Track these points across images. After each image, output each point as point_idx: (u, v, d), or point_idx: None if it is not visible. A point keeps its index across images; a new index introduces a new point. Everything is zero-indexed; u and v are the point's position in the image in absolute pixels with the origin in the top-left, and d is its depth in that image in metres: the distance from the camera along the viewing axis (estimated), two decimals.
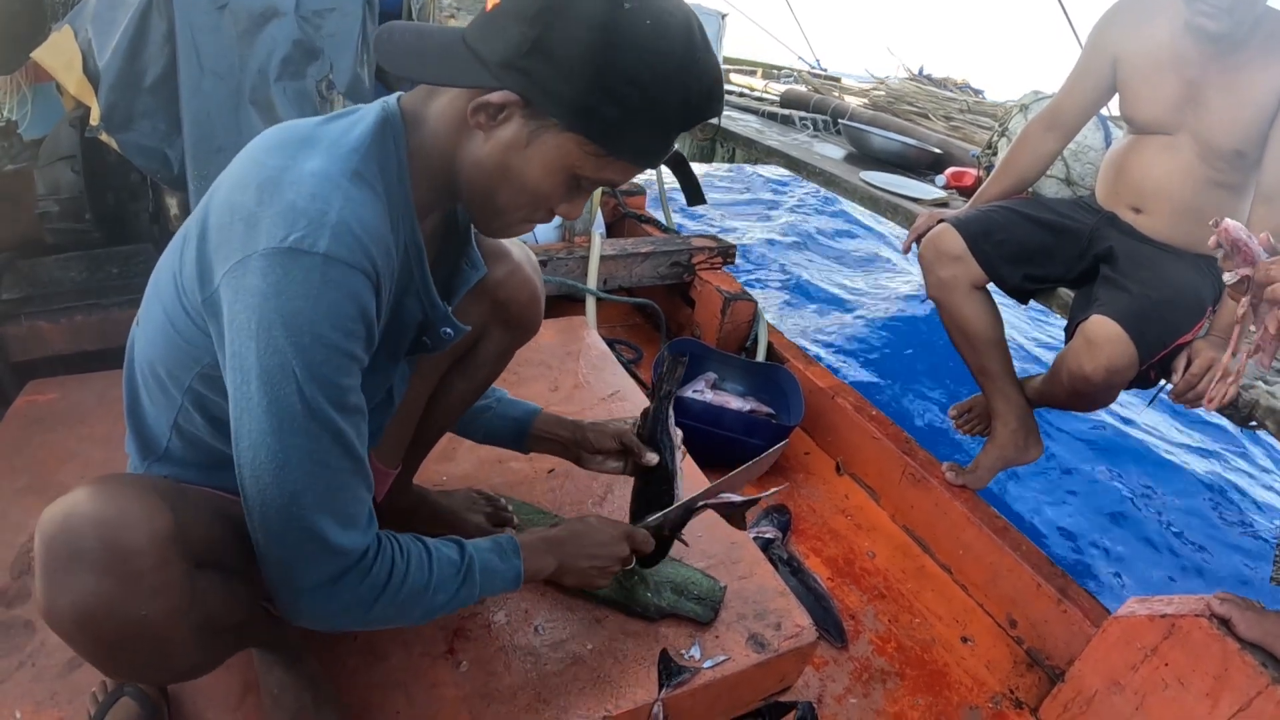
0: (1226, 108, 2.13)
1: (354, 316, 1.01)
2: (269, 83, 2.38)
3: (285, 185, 0.99)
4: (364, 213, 1.02)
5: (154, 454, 1.27)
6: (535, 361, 2.69)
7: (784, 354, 3.33)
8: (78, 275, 2.61)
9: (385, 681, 1.55)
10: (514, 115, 1.05)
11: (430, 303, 1.27)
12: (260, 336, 0.97)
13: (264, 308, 0.96)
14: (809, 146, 4.40)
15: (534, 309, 1.66)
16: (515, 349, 1.73)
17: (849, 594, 2.39)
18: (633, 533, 1.56)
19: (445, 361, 1.63)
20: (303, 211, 0.97)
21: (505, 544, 1.36)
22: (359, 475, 1.09)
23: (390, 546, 1.15)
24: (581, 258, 3.40)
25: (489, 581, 1.30)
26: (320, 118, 1.13)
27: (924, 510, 2.62)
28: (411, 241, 1.19)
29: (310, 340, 0.97)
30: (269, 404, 0.99)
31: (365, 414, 1.10)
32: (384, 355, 1.28)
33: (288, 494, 1.02)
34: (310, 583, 1.07)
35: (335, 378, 1.01)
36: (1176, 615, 1.76)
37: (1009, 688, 2.15)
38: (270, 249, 0.96)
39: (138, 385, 1.28)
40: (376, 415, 1.42)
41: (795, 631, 1.75)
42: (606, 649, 1.67)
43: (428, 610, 1.22)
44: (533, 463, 2.06)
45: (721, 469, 2.66)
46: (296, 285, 0.96)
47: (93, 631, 0.93)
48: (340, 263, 0.98)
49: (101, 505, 0.94)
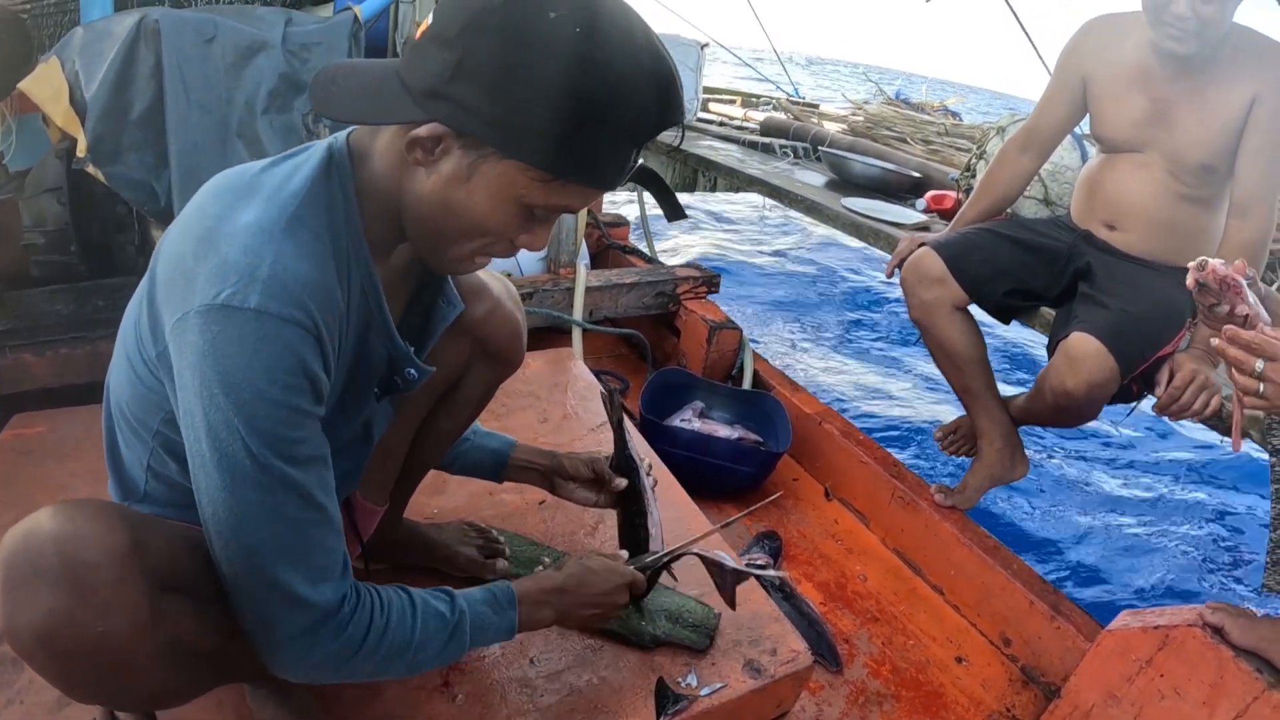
0: (1194, 124, 2.16)
1: (292, 369, 0.99)
2: (255, 115, 2.39)
3: (220, 239, 0.98)
4: (299, 264, 1.00)
5: (134, 496, 1.27)
6: (523, 393, 2.69)
7: (770, 381, 3.34)
8: (64, 308, 2.59)
9: (381, 715, 1.53)
10: (451, 148, 1.01)
11: (392, 344, 1.25)
12: (203, 394, 0.96)
13: (203, 365, 0.95)
14: (790, 174, 4.42)
15: (516, 344, 1.65)
16: (499, 384, 1.72)
17: (842, 618, 2.39)
18: (635, 581, 1.54)
19: (429, 399, 1.62)
20: (233, 266, 0.95)
21: (501, 595, 1.34)
22: (323, 525, 1.07)
23: (370, 600, 1.14)
24: (567, 289, 3.39)
25: (480, 635, 1.29)
26: (267, 160, 1.11)
27: (914, 532, 2.63)
28: (368, 283, 1.16)
29: (250, 396, 0.96)
30: (219, 460, 0.98)
31: (326, 461, 1.09)
32: (352, 396, 1.26)
33: (247, 549, 1.01)
34: (282, 636, 1.06)
35: (280, 431, 0.99)
36: (1170, 626, 1.76)
37: (1005, 706, 2.15)
38: (204, 306, 0.95)
39: (114, 427, 1.28)
40: (355, 453, 1.41)
41: (791, 656, 1.76)
42: (603, 679, 1.67)
43: (413, 665, 1.21)
44: (524, 494, 2.06)
45: (711, 497, 2.71)
46: (230, 343, 0.95)
47: (51, 649, 0.92)
48: (273, 317, 0.96)
49: (61, 524, 0.93)
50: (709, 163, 4.68)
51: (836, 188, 4.15)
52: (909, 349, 6.04)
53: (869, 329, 6.55)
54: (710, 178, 4.89)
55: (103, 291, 2.70)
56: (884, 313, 7.02)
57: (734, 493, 2.86)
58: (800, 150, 5.15)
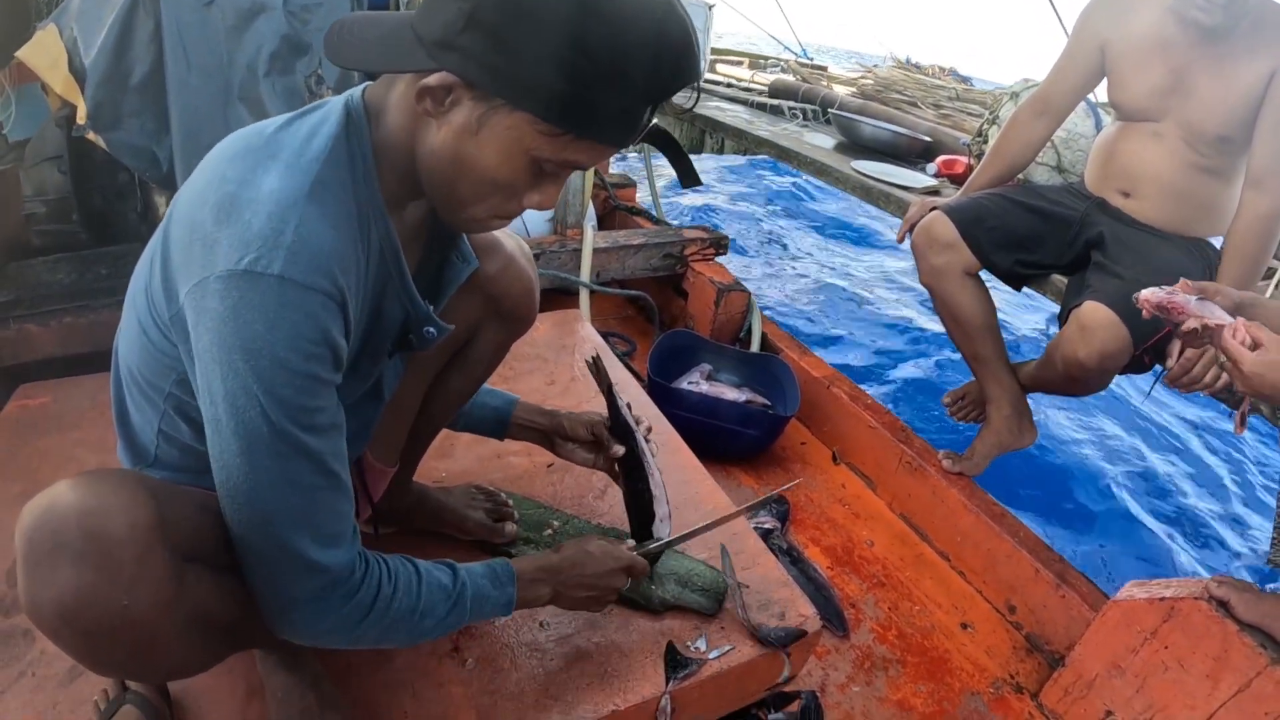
0: (1212, 95, 2.15)
1: (314, 339, 0.98)
2: (257, 79, 2.36)
3: (242, 204, 0.96)
4: (324, 230, 0.99)
5: (144, 461, 1.26)
6: (530, 355, 2.68)
7: (778, 344, 3.32)
8: (66, 277, 2.57)
9: (391, 681, 1.54)
10: (462, 99, 0.99)
11: (411, 303, 1.24)
12: (221, 361, 0.95)
13: (222, 331, 0.95)
14: (799, 136, 4.39)
15: (529, 302, 1.63)
16: (511, 342, 1.70)
17: (849, 583, 2.39)
18: (633, 564, 1.55)
19: (440, 358, 1.61)
20: (258, 233, 0.94)
21: (500, 571, 1.35)
22: (336, 491, 1.07)
23: (379, 569, 1.15)
24: (574, 250, 3.38)
25: (480, 608, 1.30)
26: (281, 119, 1.09)
27: (921, 498, 2.63)
28: (387, 243, 1.15)
29: (269, 364, 0.95)
30: (235, 427, 0.97)
31: (341, 429, 1.08)
32: (366, 357, 1.26)
33: (262, 515, 1.01)
34: (293, 599, 1.06)
35: (300, 400, 0.99)
36: (1175, 598, 1.76)
37: (1009, 673, 2.15)
38: (227, 272, 0.93)
39: (124, 392, 1.27)
40: (365, 411, 1.41)
41: (799, 621, 1.76)
42: (612, 643, 1.67)
43: (415, 633, 1.22)
44: (532, 457, 2.06)
45: (718, 460, 2.70)
46: (253, 309, 0.94)
47: (75, 624, 0.92)
48: (297, 285, 0.95)
49: (83, 496, 0.93)
50: (717, 124, 4.64)
51: (846, 150, 4.13)
52: (919, 313, 6.01)
53: (879, 293, 6.51)
54: (718, 139, 4.86)
55: (105, 259, 2.68)
56: (894, 277, 6.98)
57: (742, 456, 2.86)
58: (809, 113, 5.11)
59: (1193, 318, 1.53)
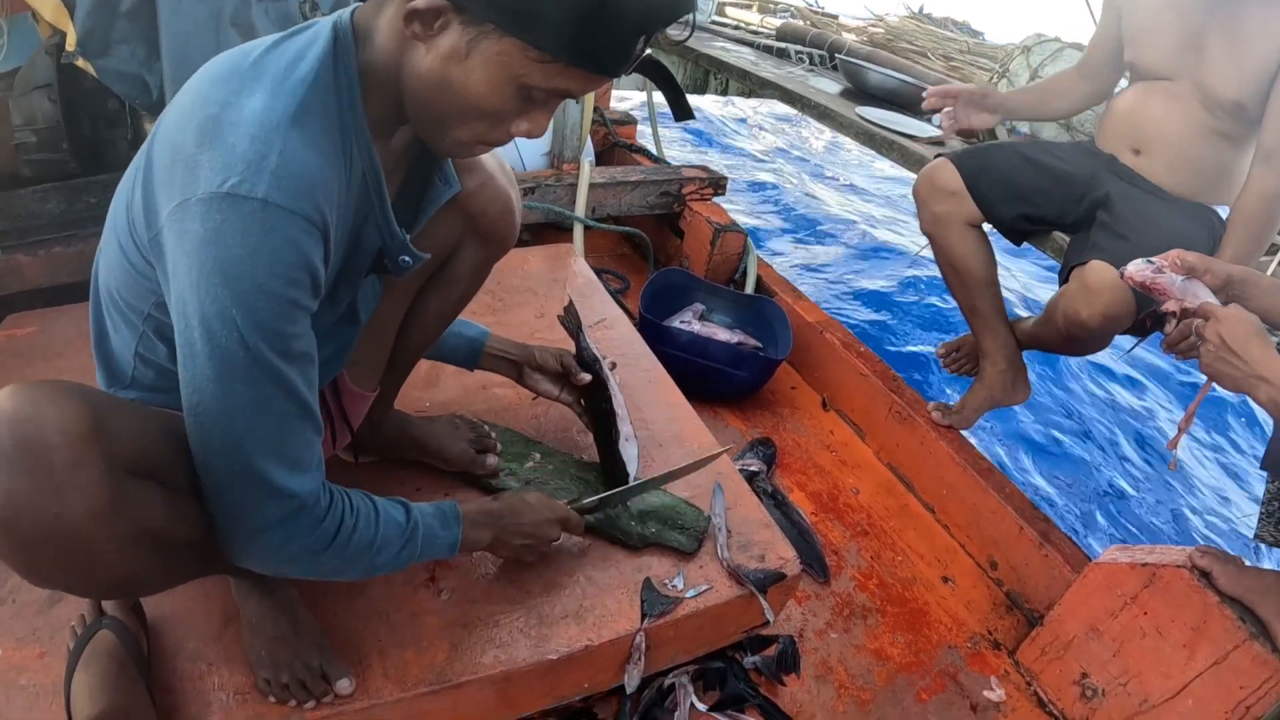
0: (1227, 56, 2.09)
1: (295, 264, 0.98)
2: (250, 3, 2.29)
3: (225, 127, 0.95)
4: (308, 154, 0.98)
5: (120, 382, 1.26)
6: (521, 289, 2.65)
7: (773, 287, 3.29)
8: (55, 207, 2.54)
9: (367, 610, 1.54)
10: (451, 23, 0.98)
11: (389, 232, 1.22)
12: (200, 284, 0.94)
13: (202, 254, 0.93)
14: (804, 80, 4.32)
15: (508, 221, 1.59)
16: (491, 264, 1.67)
17: (832, 529, 2.38)
18: (568, 517, 1.59)
19: (418, 280, 1.58)
20: (242, 155, 0.93)
21: (449, 512, 1.38)
22: (306, 419, 1.08)
23: (342, 500, 1.16)
24: (570, 185, 3.33)
25: (429, 546, 1.32)
26: (268, 41, 1.07)
27: (909, 449, 2.61)
28: (369, 169, 1.13)
29: (249, 288, 0.94)
30: (211, 351, 0.97)
31: (314, 358, 1.08)
32: (343, 283, 1.26)
33: (232, 440, 1.01)
34: (259, 525, 1.06)
35: (277, 325, 0.98)
36: (1158, 565, 1.75)
37: (988, 629, 2.15)
38: (209, 194, 0.92)
39: (103, 313, 1.26)
40: (341, 335, 1.40)
41: (779, 563, 1.74)
42: (589, 578, 1.67)
43: (370, 567, 1.24)
44: (518, 390, 2.03)
45: (707, 400, 2.68)
46: (235, 232, 0.93)
47: (10, 533, 0.91)
48: (279, 208, 0.94)
49: (18, 404, 0.91)
50: (721, 64, 4.57)
51: (851, 97, 4.06)
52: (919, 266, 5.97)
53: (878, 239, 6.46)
54: (722, 80, 4.78)
55: (95, 188, 2.64)
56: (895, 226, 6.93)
57: (731, 398, 2.84)
58: (816, 58, 5.03)
59: (1173, 300, 1.52)
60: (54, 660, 1.36)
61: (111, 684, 1.28)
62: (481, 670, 1.46)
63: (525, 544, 1.52)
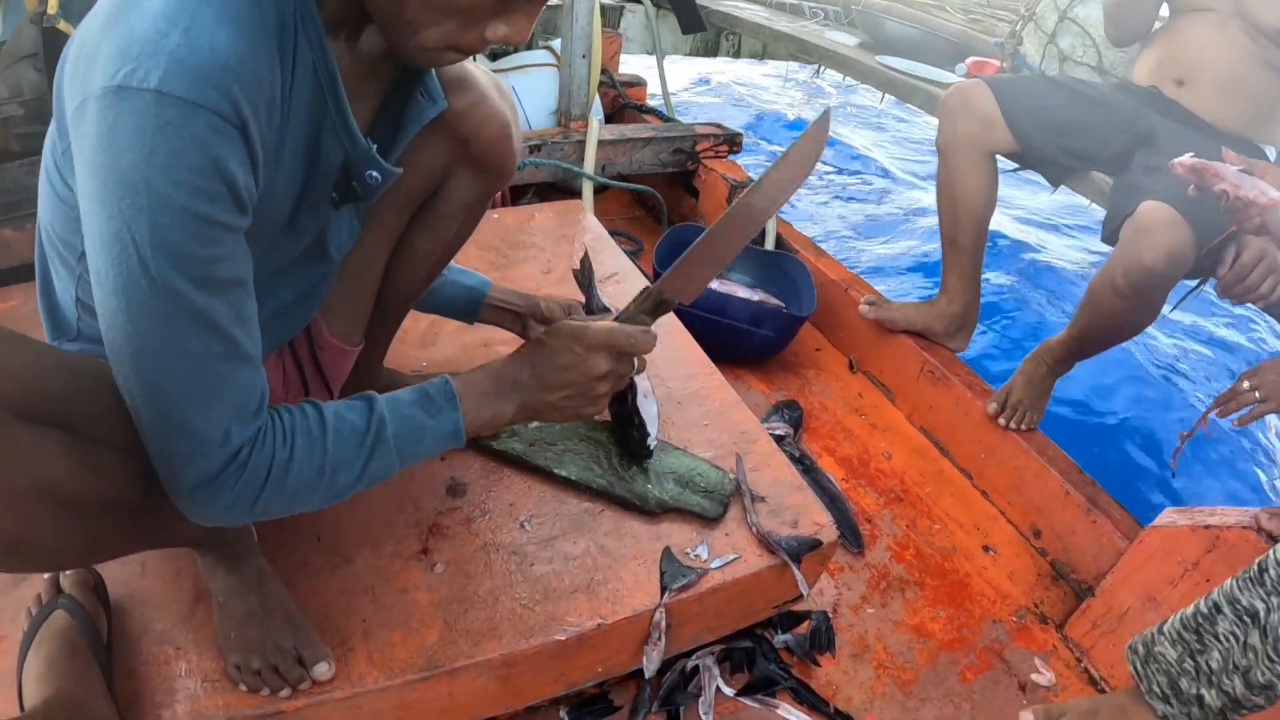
0: None
1: (201, 170, 0.80)
2: None
3: (131, 8, 0.78)
4: (222, 34, 0.80)
5: (66, 334, 1.12)
6: (527, 244, 2.50)
7: (794, 245, 3.15)
8: None
9: (349, 584, 1.40)
10: None
11: (351, 141, 1.04)
12: (98, 198, 0.79)
13: (97, 162, 0.78)
14: (820, 33, 4.21)
15: (504, 146, 1.39)
16: (487, 197, 1.48)
17: (864, 496, 2.25)
18: (612, 333, 1.20)
19: (403, 213, 1.41)
20: (139, 38, 0.77)
21: (436, 392, 1.12)
22: (235, 360, 0.91)
23: (272, 430, 0.96)
24: (578, 142, 3.20)
25: (415, 444, 1.09)
26: None
27: (944, 410, 2.47)
28: (320, 64, 0.95)
29: (150, 202, 0.78)
30: (115, 279, 0.81)
31: (244, 285, 0.91)
32: (306, 210, 1.08)
33: (149, 384, 0.86)
34: (190, 482, 0.90)
35: (188, 247, 0.81)
36: (1221, 527, 1.64)
37: (1034, 601, 2.01)
38: (101, 89, 0.77)
39: (45, 258, 1.11)
40: (307, 274, 1.23)
41: (814, 529, 1.61)
42: (601, 548, 1.53)
43: (331, 492, 1.03)
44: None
45: (728, 361, 2.55)
46: (127, 133, 0.77)
47: None
48: (179, 100, 0.77)
49: None
50: (732, 19, 4.48)
51: (869, 50, 3.97)
52: None
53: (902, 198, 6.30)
54: (734, 40, 4.68)
55: None
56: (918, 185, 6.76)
57: (753, 358, 2.72)
58: (830, 13, 4.93)
59: (1228, 184, 1.40)
60: (14, 645, 1.24)
61: (61, 668, 1.16)
62: (480, 654, 1.32)
63: (568, 395, 1.19)
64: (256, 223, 0.91)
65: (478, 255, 2.31)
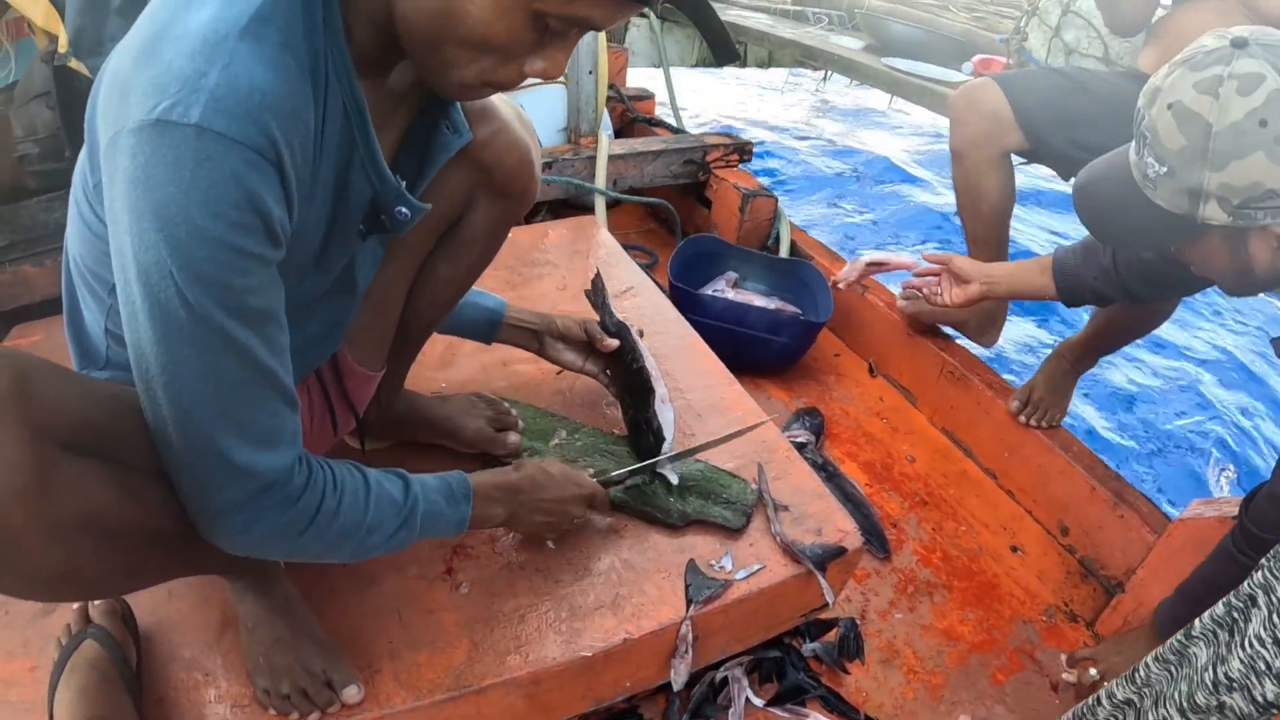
0: None
1: (238, 203, 0.81)
2: None
3: (165, 42, 0.80)
4: (258, 71, 0.81)
5: (95, 363, 1.12)
6: (542, 261, 2.52)
7: (808, 251, 3.14)
8: (61, 216, 2.44)
9: (376, 607, 1.41)
10: None
11: (380, 178, 1.05)
12: (134, 229, 0.80)
13: (133, 195, 0.79)
14: (825, 38, 4.22)
15: (526, 173, 1.42)
16: (508, 224, 1.50)
17: (889, 501, 2.23)
18: (594, 494, 1.48)
19: (426, 241, 1.42)
20: (177, 74, 0.78)
21: (456, 486, 1.24)
22: (269, 388, 0.93)
23: (323, 476, 1.02)
24: (588, 158, 3.20)
25: (431, 525, 1.19)
26: None
27: (965, 411, 2.45)
28: (350, 102, 0.96)
29: (186, 234, 0.80)
30: (150, 308, 0.83)
31: (278, 316, 0.94)
32: (335, 244, 1.09)
33: (181, 411, 0.87)
34: (220, 505, 0.92)
35: (223, 277, 0.83)
36: None
37: (1063, 600, 1.99)
38: (138, 123, 0.78)
39: (74, 289, 1.12)
40: (336, 307, 1.24)
41: (839, 537, 1.60)
42: (625, 562, 1.53)
43: (359, 550, 1.10)
44: (540, 364, 1.90)
45: (747, 371, 2.53)
46: (165, 167, 0.78)
47: None
48: (218, 136, 0.78)
49: None
50: (737, 28, 4.49)
51: (874, 52, 3.97)
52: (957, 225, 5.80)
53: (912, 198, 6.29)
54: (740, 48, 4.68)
55: None
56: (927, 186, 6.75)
57: (771, 367, 2.70)
58: (834, 18, 4.94)
59: None
60: (44, 674, 1.26)
61: (93, 697, 1.18)
62: (507, 672, 1.32)
63: (546, 521, 1.40)
64: (289, 256, 0.93)
65: (492, 274, 2.31)
